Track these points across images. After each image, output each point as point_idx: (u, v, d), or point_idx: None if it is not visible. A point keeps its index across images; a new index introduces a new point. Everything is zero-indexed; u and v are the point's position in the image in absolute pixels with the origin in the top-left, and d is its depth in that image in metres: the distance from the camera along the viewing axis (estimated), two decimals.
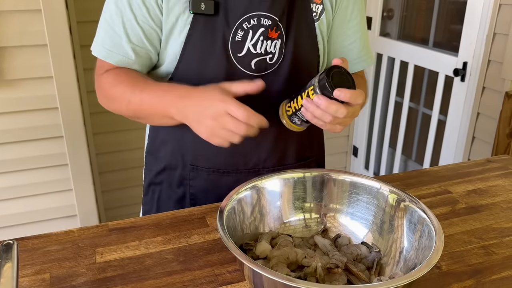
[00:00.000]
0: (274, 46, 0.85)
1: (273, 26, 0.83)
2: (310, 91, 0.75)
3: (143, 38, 0.84)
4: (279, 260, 0.65)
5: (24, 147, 1.69)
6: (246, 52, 0.83)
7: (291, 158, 0.95)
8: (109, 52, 0.85)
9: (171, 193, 0.97)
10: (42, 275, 0.69)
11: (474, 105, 1.94)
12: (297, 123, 0.83)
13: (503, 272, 0.71)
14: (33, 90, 1.63)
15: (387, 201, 0.69)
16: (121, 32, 0.83)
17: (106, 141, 2.22)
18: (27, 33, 1.57)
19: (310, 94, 0.75)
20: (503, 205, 0.90)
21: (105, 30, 0.85)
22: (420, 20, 2.52)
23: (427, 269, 0.53)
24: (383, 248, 0.69)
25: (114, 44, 0.84)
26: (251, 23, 0.82)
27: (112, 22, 0.84)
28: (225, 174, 0.92)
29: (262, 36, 0.83)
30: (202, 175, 0.93)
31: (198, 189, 0.94)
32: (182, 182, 0.95)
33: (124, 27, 0.83)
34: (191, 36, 0.82)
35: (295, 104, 0.79)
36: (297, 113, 0.80)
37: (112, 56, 0.85)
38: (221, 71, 0.83)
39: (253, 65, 0.85)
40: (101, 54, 0.86)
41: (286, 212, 0.74)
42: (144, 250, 0.75)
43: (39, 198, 1.78)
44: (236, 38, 0.82)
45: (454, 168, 1.06)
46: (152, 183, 1.00)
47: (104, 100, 0.90)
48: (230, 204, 0.67)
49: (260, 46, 0.84)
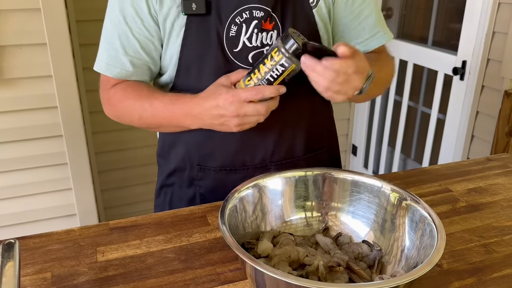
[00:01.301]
0: (270, 38, 0.84)
1: (266, 18, 0.83)
2: (274, 53, 0.73)
3: (139, 50, 0.85)
4: (281, 258, 0.65)
5: (24, 146, 1.69)
6: (242, 47, 0.83)
7: (299, 151, 0.94)
8: (107, 65, 0.87)
9: (182, 194, 0.97)
10: (43, 274, 0.69)
11: (473, 104, 1.94)
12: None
13: (504, 270, 0.71)
14: (33, 89, 1.63)
15: (388, 199, 0.70)
16: (117, 46, 0.85)
17: (105, 140, 2.22)
18: (26, 32, 1.56)
19: (274, 56, 0.73)
20: (503, 203, 0.91)
21: (104, 47, 0.87)
22: (419, 18, 2.52)
23: (428, 267, 0.53)
24: (384, 246, 0.69)
25: (112, 58, 0.86)
26: (243, 17, 0.82)
27: (109, 38, 0.86)
28: (232, 172, 0.91)
29: (256, 29, 0.83)
30: (210, 174, 0.92)
31: (206, 188, 0.94)
32: (192, 182, 0.95)
33: (120, 40, 0.85)
34: (187, 38, 0.83)
35: (258, 74, 0.76)
36: (262, 82, 0.76)
37: (111, 70, 0.87)
38: (219, 68, 0.83)
39: (250, 59, 0.84)
40: (101, 68, 0.88)
41: (287, 211, 0.74)
42: (146, 249, 0.75)
43: (39, 197, 1.77)
44: (230, 33, 0.82)
45: (454, 167, 1.06)
46: (164, 185, 1.00)
47: (113, 114, 0.91)
48: (231, 203, 0.67)
49: (255, 39, 0.83)
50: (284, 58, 0.72)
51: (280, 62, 0.73)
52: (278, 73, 0.74)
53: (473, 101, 1.94)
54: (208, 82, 0.82)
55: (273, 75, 0.75)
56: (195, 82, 0.85)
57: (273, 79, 0.75)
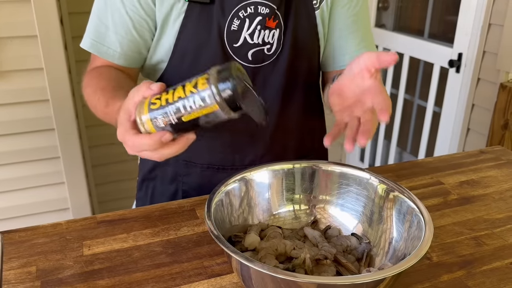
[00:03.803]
0: (272, 36, 0.81)
1: (271, 15, 0.80)
2: (201, 79, 0.55)
3: (131, 29, 0.80)
4: (268, 251, 0.64)
5: (15, 139, 1.67)
6: (243, 42, 0.80)
7: (291, 154, 0.92)
8: (94, 42, 0.82)
9: (163, 189, 0.95)
10: (28, 268, 0.68)
11: (469, 97, 1.93)
12: (159, 125, 0.57)
13: (493, 263, 0.70)
14: (23, 82, 1.61)
15: (376, 191, 0.69)
16: (108, 22, 0.80)
17: (100, 134, 2.20)
18: (16, 23, 1.54)
19: (199, 84, 0.55)
20: (495, 196, 0.90)
21: (93, 21, 0.82)
22: (416, 11, 2.50)
23: (416, 259, 0.52)
24: (372, 239, 0.68)
25: (100, 35, 0.82)
26: (247, 11, 0.78)
27: (99, 13, 0.81)
28: (220, 171, 0.89)
29: (260, 26, 0.79)
30: (196, 171, 0.90)
31: (191, 185, 0.92)
32: (175, 178, 0.93)
33: (112, 16, 0.80)
34: (185, 25, 0.79)
35: (169, 96, 0.56)
36: (169, 108, 0.56)
37: (97, 47, 0.82)
38: (215, 63, 0.80)
39: (250, 56, 0.81)
40: (86, 44, 0.83)
41: (275, 204, 0.74)
42: (133, 243, 0.74)
43: (31, 191, 1.77)
44: (232, 27, 0.79)
45: (447, 159, 1.06)
46: (146, 179, 0.98)
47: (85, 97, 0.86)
48: (218, 196, 0.66)
49: (257, 36, 0.80)
50: (209, 92, 0.54)
51: (201, 93, 0.54)
52: (194, 107, 0.55)
53: (469, 94, 1.93)
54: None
55: (185, 106, 0.55)
56: (189, 72, 0.82)
57: (184, 111, 0.55)
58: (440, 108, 2.12)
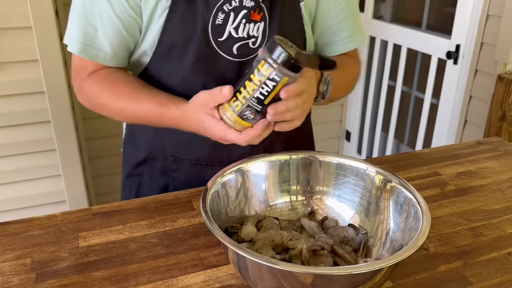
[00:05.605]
0: (257, 30, 0.80)
1: (256, 8, 0.78)
2: (261, 67, 0.63)
3: (121, 29, 0.79)
4: (264, 242, 0.64)
5: (11, 132, 1.66)
6: (228, 37, 0.79)
7: (279, 149, 0.92)
8: (83, 46, 0.79)
9: (152, 184, 0.94)
10: (23, 260, 0.68)
11: (467, 88, 1.92)
12: (249, 117, 0.68)
13: (490, 254, 0.70)
14: (18, 74, 1.60)
15: (373, 182, 0.68)
16: (96, 23, 0.78)
17: (96, 127, 2.19)
18: (11, 15, 1.53)
19: (262, 70, 0.63)
20: (492, 186, 0.90)
21: (78, 23, 0.79)
22: (413, 2, 2.49)
23: (413, 250, 0.52)
24: (369, 229, 0.68)
25: (88, 36, 0.79)
26: (232, 5, 0.77)
27: (85, 13, 0.78)
28: (208, 167, 0.89)
29: (245, 19, 0.78)
30: (184, 167, 0.90)
31: (180, 181, 0.91)
32: (165, 173, 0.92)
33: (100, 17, 0.78)
34: (170, 20, 0.78)
35: (245, 92, 0.65)
36: (250, 102, 0.66)
37: (87, 51, 0.80)
38: (201, 57, 0.79)
39: (235, 50, 0.80)
40: (76, 49, 0.80)
41: (272, 195, 0.73)
42: (129, 234, 0.74)
43: (27, 184, 1.76)
44: (217, 21, 0.78)
45: (445, 150, 1.05)
46: (131, 175, 0.97)
47: (87, 105, 0.86)
48: (214, 188, 0.65)
49: (242, 29, 0.79)
50: (273, 71, 0.62)
51: (269, 76, 0.63)
52: (269, 89, 0.64)
53: (467, 86, 1.92)
54: (189, 71, 0.79)
55: (263, 92, 0.64)
56: (175, 67, 0.81)
57: (264, 97, 0.65)
58: (438, 100, 2.12)
